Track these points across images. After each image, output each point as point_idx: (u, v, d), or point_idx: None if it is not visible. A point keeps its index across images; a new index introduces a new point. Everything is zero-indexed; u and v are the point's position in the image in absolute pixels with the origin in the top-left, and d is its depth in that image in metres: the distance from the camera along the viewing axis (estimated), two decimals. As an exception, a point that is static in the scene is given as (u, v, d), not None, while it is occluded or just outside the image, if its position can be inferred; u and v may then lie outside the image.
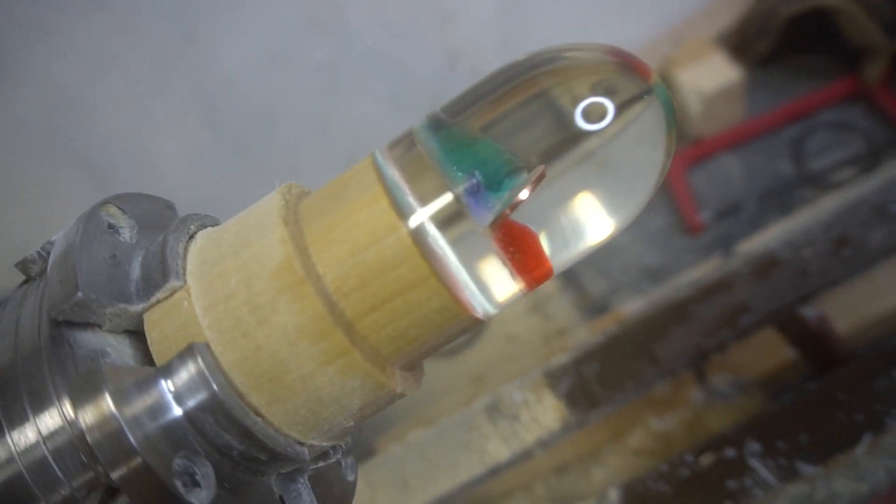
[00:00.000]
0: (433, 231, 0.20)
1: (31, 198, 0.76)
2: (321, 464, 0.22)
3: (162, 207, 0.24)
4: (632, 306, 0.66)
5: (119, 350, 0.20)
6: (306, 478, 0.23)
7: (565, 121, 0.20)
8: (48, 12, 0.64)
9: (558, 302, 0.80)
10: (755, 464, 0.35)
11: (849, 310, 0.48)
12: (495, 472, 0.42)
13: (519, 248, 0.21)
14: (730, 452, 0.36)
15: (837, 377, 0.37)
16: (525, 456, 0.42)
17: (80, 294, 0.18)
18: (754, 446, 0.35)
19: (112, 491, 0.17)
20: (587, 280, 0.82)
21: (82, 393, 0.17)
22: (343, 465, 0.25)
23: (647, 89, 0.20)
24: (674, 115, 0.21)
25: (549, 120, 0.20)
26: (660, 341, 0.42)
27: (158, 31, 0.71)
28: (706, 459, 0.36)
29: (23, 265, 0.20)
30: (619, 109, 0.19)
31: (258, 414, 0.19)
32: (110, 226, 0.21)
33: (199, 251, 0.20)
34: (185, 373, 0.18)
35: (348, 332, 0.19)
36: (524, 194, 0.21)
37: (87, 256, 0.19)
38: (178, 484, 0.17)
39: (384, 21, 0.78)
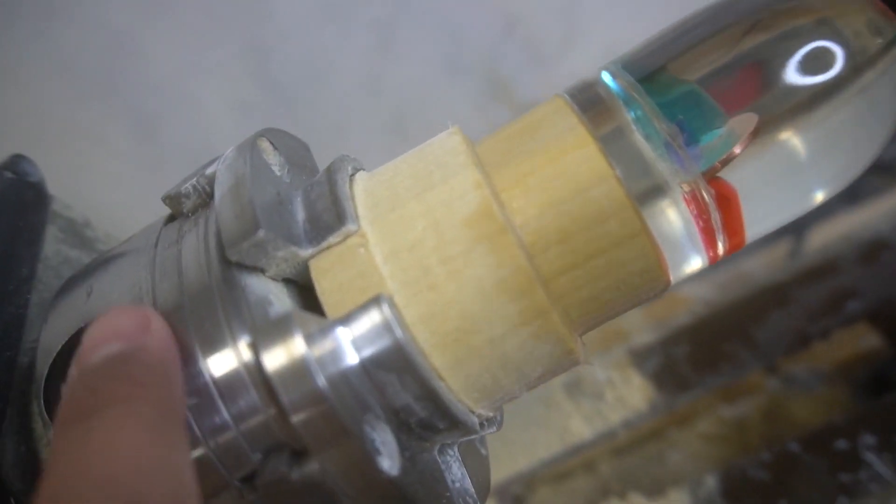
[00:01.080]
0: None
1: (72, 143, 0.73)
2: (473, 436, 0.20)
3: (301, 148, 0.22)
4: (689, 292, 0.63)
5: (280, 299, 0.17)
6: (456, 450, 0.21)
7: (790, 69, 0.17)
8: (103, -50, 0.61)
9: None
10: (871, 457, 0.33)
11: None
12: (578, 451, 0.40)
13: (720, 211, 0.19)
14: (841, 444, 0.34)
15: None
16: (609, 436, 0.40)
17: (261, 232, 0.15)
18: (869, 439, 0.33)
19: (296, 455, 0.15)
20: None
21: (270, 337, 0.15)
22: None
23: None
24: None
25: (779, 64, 0.18)
26: (758, 324, 0.40)
27: (214, -24, 0.67)
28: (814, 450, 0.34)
29: (174, 200, 0.18)
30: (882, 52, 0.16)
31: (440, 378, 0.17)
32: (264, 161, 0.19)
33: (368, 193, 0.18)
34: (369, 326, 0.16)
35: (546, 291, 0.17)
36: (738, 149, 0.19)
37: (259, 192, 0.16)
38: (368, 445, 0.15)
39: (444, -21, 0.74)
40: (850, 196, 0.70)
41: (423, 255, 0.17)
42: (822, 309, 0.40)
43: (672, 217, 0.19)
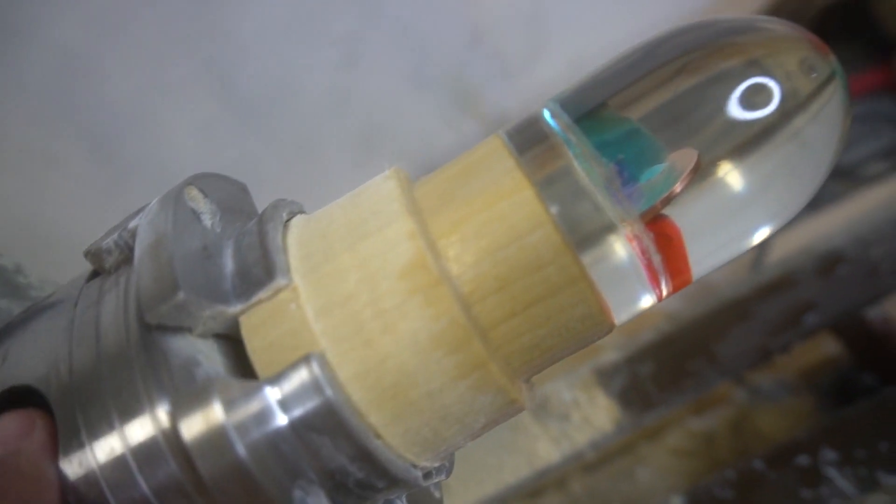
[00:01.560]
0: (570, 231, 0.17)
1: (27, 167, 0.71)
2: (417, 489, 0.20)
3: (237, 190, 0.21)
4: (653, 306, 0.63)
5: (210, 357, 0.17)
6: (404, 499, 0.20)
7: (731, 104, 0.17)
8: (54, -31, 0.59)
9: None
10: (832, 473, 0.33)
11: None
12: (545, 474, 0.40)
13: (661, 250, 0.19)
14: (803, 460, 0.34)
15: (916, 383, 0.35)
16: (576, 458, 0.40)
17: (181, 294, 0.15)
18: (830, 454, 0.34)
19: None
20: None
21: (188, 404, 0.14)
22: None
23: (834, 69, 0.17)
24: (850, 107, 0.18)
25: (713, 102, 0.17)
26: (720, 340, 0.40)
27: (170, -7, 0.66)
28: (778, 467, 0.34)
29: (95, 256, 0.17)
30: (815, 92, 0.16)
31: (377, 435, 0.17)
32: (193, 212, 0.18)
33: (301, 244, 0.18)
34: (299, 386, 0.15)
35: (484, 342, 0.17)
36: (679, 187, 0.18)
37: (181, 249, 0.16)
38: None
39: (407, -8, 0.74)
40: (808, 204, 0.71)
41: (357, 309, 0.16)
42: (782, 323, 0.40)
43: (616, 257, 0.18)
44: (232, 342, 0.18)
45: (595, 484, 0.48)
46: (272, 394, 0.15)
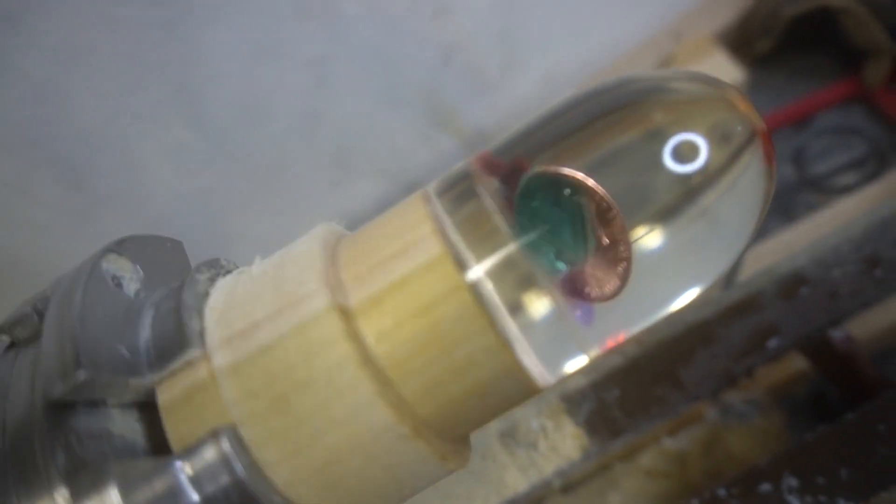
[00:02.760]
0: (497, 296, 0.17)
1: (-2, 197, 0.71)
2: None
3: (170, 249, 0.21)
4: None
5: (126, 428, 0.16)
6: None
7: (651, 166, 0.17)
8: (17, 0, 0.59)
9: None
10: (793, 500, 0.33)
11: (879, 332, 0.47)
12: (514, 503, 0.40)
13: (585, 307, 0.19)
14: (765, 487, 0.34)
15: (876, 408, 0.35)
16: (543, 487, 0.40)
17: (81, 373, 0.14)
18: (791, 481, 0.34)
19: None
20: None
21: (85, 489, 0.14)
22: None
23: (753, 133, 0.17)
24: (774, 169, 0.18)
25: (633, 164, 0.17)
26: (685, 365, 0.40)
27: (137, 21, 0.66)
28: (740, 494, 0.34)
29: (8, 328, 0.17)
30: (733, 157, 0.16)
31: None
32: (114, 278, 0.18)
33: (221, 318, 0.17)
34: (211, 461, 0.15)
35: (423, 428, 0.17)
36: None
37: (90, 323, 0.15)
38: None
39: (377, 12, 0.74)
40: (777, 217, 0.72)
41: (281, 386, 0.16)
42: (747, 346, 0.40)
43: (549, 319, 0.18)
44: (152, 408, 0.17)
45: (568, 508, 0.48)
46: (182, 469, 0.15)
